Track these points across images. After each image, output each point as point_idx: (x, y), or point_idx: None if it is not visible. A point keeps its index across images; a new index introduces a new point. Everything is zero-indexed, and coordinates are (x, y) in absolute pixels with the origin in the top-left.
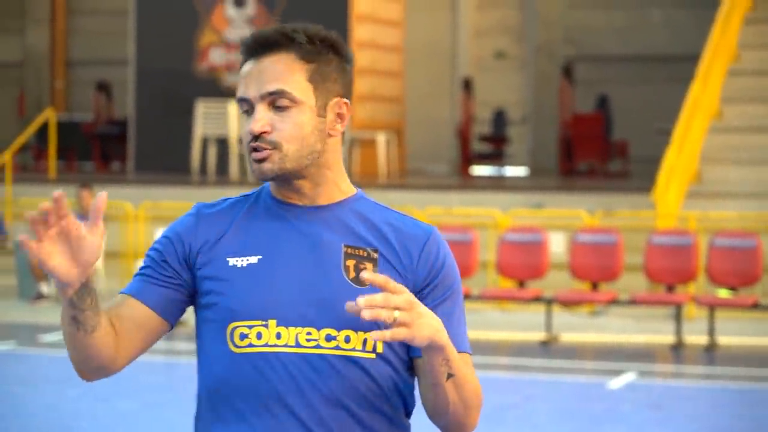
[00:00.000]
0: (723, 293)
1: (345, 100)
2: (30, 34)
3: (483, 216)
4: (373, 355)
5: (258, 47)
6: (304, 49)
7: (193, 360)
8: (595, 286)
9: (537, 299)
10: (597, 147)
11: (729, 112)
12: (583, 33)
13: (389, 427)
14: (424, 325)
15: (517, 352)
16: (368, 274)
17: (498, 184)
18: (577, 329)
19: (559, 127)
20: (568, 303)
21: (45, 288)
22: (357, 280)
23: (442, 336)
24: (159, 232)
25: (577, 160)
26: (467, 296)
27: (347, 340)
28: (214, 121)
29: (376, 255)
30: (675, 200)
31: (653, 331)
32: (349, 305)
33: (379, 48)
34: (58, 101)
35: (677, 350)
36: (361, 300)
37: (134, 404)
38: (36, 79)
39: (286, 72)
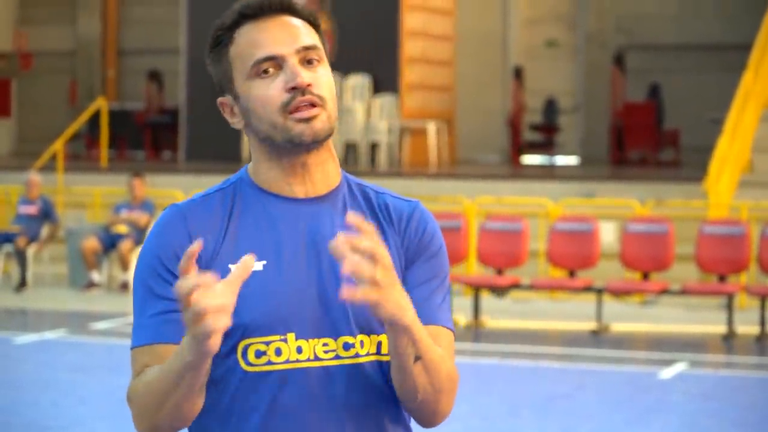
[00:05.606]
0: None
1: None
2: (82, 23)
3: (533, 205)
4: (388, 358)
5: (267, 7)
6: (305, 16)
7: None
8: (645, 275)
9: (587, 289)
10: (648, 136)
11: None
12: (635, 21)
13: (401, 425)
14: (391, 299)
15: (568, 342)
16: (353, 218)
17: (549, 173)
18: (627, 319)
19: (610, 116)
20: (619, 293)
21: (96, 276)
22: None
23: (407, 315)
24: None
25: (629, 149)
26: (518, 286)
27: (362, 344)
28: None
29: None
30: (727, 190)
31: (704, 321)
32: (333, 246)
33: (430, 37)
34: (110, 90)
35: (728, 340)
36: (344, 240)
37: None
38: (87, 69)
39: (309, 30)
